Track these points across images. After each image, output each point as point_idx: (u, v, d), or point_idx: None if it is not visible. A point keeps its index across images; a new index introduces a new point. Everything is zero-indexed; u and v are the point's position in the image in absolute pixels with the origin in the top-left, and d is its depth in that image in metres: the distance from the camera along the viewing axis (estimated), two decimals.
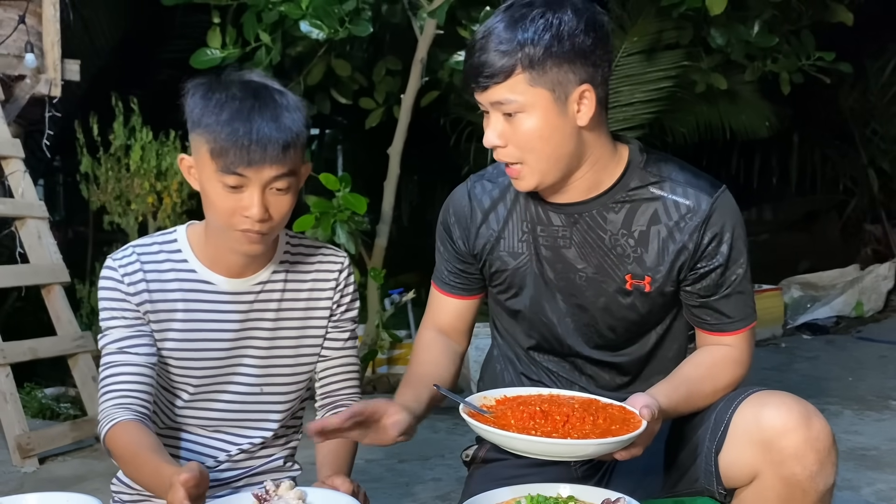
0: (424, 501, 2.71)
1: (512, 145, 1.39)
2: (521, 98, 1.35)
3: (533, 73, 1.34)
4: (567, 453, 1.19)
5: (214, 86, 1.44)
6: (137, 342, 1.48)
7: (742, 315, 1.48)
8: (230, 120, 1.37)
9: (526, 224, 1.52)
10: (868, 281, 6.22)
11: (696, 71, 4.83)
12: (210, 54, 3.98)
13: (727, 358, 1.48)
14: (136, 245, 1.53)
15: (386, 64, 4.70)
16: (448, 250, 1.62)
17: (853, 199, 7.54)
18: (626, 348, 1.54)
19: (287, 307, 1.55)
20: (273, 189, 1.40)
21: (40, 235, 3.51)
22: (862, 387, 4.12)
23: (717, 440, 1.37)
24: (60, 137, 4.17)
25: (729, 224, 1.44)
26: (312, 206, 3.81)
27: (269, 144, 1.37)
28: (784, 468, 1.30)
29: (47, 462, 3.17)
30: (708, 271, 1.45)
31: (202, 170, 1.42)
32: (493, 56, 1.34)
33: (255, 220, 1.39)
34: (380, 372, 4.70)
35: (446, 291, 1.64)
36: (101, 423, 1.47)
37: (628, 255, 1.46)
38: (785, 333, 5.67)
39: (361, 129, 5.05)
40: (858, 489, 2.68)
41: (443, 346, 1.62)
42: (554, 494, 1.17)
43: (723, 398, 1.42)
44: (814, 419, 1.31)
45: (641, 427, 1.21)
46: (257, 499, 1.15)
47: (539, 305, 1.53)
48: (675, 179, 1.46)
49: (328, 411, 1.61)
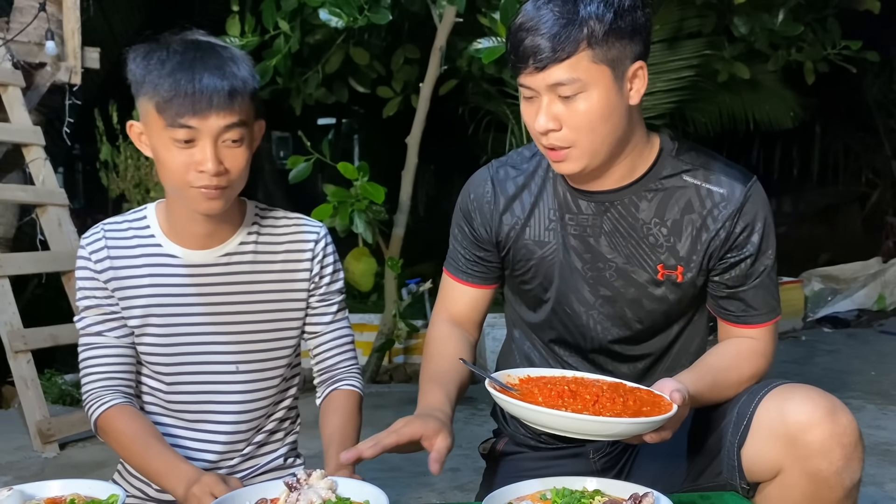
0: (442, 491, 2.70)
1: (567, 128, 1.33)
2: (584, 77, 1.29)
3: (596, 49, 1.28)
4: (599, 430, 1.16)
5: (154, 47, 1.40)
6: (113, 325, 1.47)
7: (768, 308, 1.46)
8: (172, 72, 1.34)
9: (553, 212, 1.48)
10: (890, 274, 6.14)
11: (718, 60, 4.76)
12: (229, 42, 3.96)
13: (751, 350, 1.46)
14: (106, 223, 1.51)
15: (404, 52, 4.68)
16: (467, 237, 1.57)
17: (875, 190, 7.45)
18: (649, 341, 1.51)
19: (260, 279, 1.49)
20: (227, 141, 1.36)
21: (60, 223, 3.53)
22: (885, 381, 4.07)
23: (740, 434, 1.34)
24: (80, 125, 4.19)
25: (761, 214, 1.42)
26: (330, 195, 3.80)
27: (214, 92, 1.33)
28: (809, 463, 1.26)
29: (67, 448, 3.19)
30: (738, 261, 1.43)
31: (151, 130, 1.38)
32: (554, 34, 1.27)
33: (210, 173, 1.35)
34: (396, 361, 4.70)
35: (462, 279, 1.59)
36: (89, 406, 1.46)
37: (661, 244, 1.43)
38: (805, 326, 5.61)
39: (379, 117, 5.04)
40: (882, 485, 2.65)
41: (459, 338, 1.58)
42: (580, 488, 1.15)
43: (745, 391, 1.39)
44: (840, 413, 1.28)
45: (673, 409, 1.19)
46: (288, 487, 1.14)
47: (565, 296, 1.49)
48: (708, 168, 1.44)
49: (328, 387, 1.57)
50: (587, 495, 1.10)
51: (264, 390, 1.52)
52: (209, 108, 1.33)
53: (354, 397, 1.56)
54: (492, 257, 1.55)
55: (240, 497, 1.12)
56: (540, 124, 1.33)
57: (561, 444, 1.56)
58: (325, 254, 1.54)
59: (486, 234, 1.54)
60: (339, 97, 4.84)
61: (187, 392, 1.50)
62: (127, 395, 1.47)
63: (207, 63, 1.35)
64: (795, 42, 4.73)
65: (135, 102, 1.42)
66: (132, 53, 1.40)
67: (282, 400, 1.58)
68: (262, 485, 1.18)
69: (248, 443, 1.54)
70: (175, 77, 1.34)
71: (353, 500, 1.12)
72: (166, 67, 1.35)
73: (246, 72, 1.38)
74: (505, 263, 1.56)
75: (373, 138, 8.54)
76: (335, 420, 1.52)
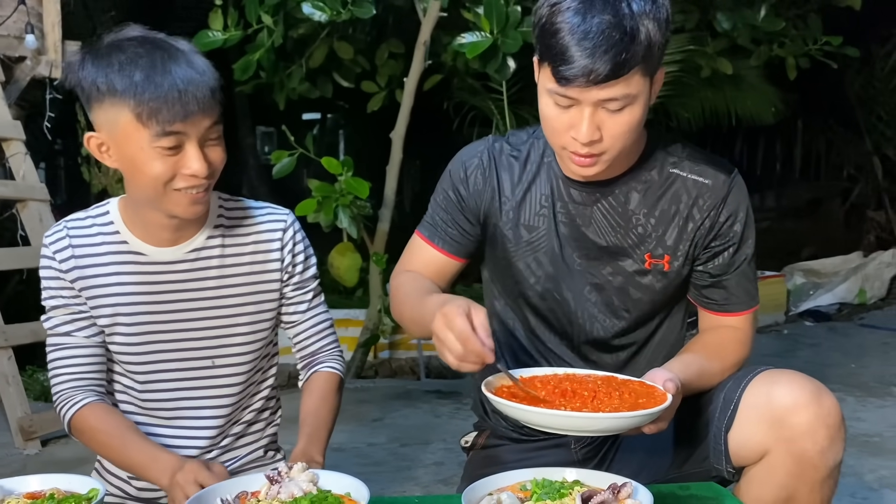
0: (426, 485, 2.71)
1: (608, 138, 1.32)
2: (635, 91, 1.29)
3: (644, 64, 1.28)
4: (600, 427, 1.17)
5: (104, 50, 1.32)
6: (80, 325, 1.45)
7: (748, 296, 1.50)
8: (148, 77, 1.27)
9: (545, 198, 1.49)
10: (871, 268, 6.21)
11: (701, 55, 4.79)
12: (212, 36, 3.95)
13: (733, 338, 1.49)
14: (69, 220, 1.47)
15: (389, 47, 4.67)
16: (452, 202, 1.53)
17: (857, 185, 7.52)
18: (633, 330, 1.53)
19: (229, 273, 1.47)
20: (209, 140, 1.34)
21: (41, 218, 3.50)
22: (864, 374, 4.12)
23: (727, 418, 1.37)
24: (62, 120, 4.15)
25: (743, 205, 1.46)
26: (315, 190, 3.79)
27: (197, 92, 1.29)
28: (795, 444, 1.30)
29: (49, 444, 3.17)
30: (722, 250, 1.47)
31: (127, 141, 1.31)
32: (616, 53, 1.23)
33: (201, 175, 1.32)
34: (381, 357, 4.70)
35: (436, 244, 1.55)
36: (61, 407, 1.44)
37: (649, 234, 1.46)
38: (787, 320, 5.66)
39: (364, 112, 5.02)
40: (861, 475, 2.68)
41: (429, 281, 1.52)
42: (559, 479, 1.15)
43: (730, 377, 1.42)
44: (824, 396, 1.32)
45: (668, 399, 1.20)
46: (269, 480, 1.14)
47: (554, 282, 1.51)
48: (693, 160, 1.47)
49: (308, 370, 1.57)
50: (566, 486, 1.11)
51: (241, 384, 1.52)
52: (197, 111, 1.29)
53: (333, 379, 1.56)
54: (472, 230, 1.54)
55: (221, 490, 1.12)
56: (585, 136, 1.30)
57: (543, 436, 1.57)
58: (295, 241, 1.52)
59: (475, 204, 1.52)
60: (324, 92, 4.82)
61: (162, 389, 1.48)
62: (99, 393, 1.46)
63: (179, 62, 1.31)
64: (777, 38, 4.77)
65: (87, 112, 1.36)
66: (78, 62, 1.34)
67: (259, 391, 1.57)
68: (244, 478, 1.18)
69: (226, 434, 1.53)
70: (154, 82, 1.27)
71: (335, 493, 1.12)
72: (137, 72, 1.28)
73: (207, 64, 1.35)
74: (488, 240, 1.54)
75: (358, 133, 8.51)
76: (310, 401, 1.52)
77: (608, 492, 1.07)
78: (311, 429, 1.46)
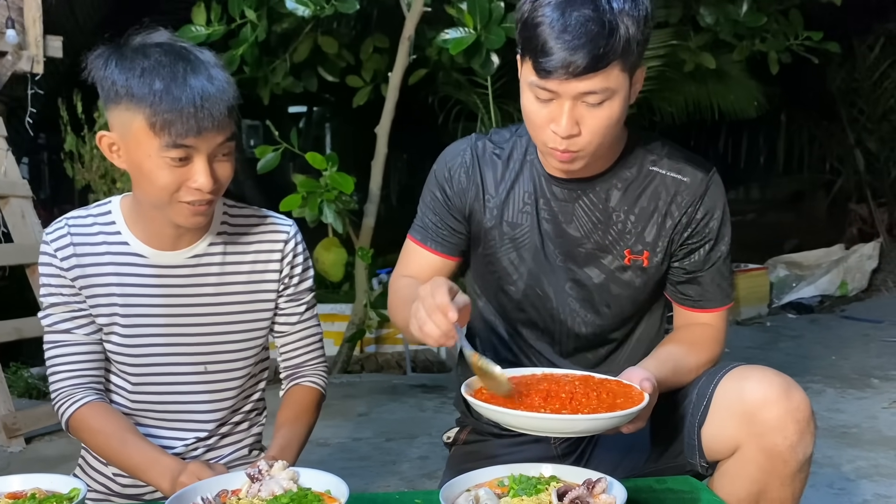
0: (411, 479, 2.73)
1: (586, 132, 1.34)
2: (614, 85, 1.30)
3: (624, 59, 1.29)
4: (577, 428, 1.19)
5: (130, 53, 1.32)
6: (80, 322, 1.45)
7: (722, 294, 1.53)
8: (167, 88, 1.27)
9: (528, 195, 1.51)
10: (853, 260, 6.28)
11: (684, 50, 4.82)
12: (195, 31, 3.93)
13: (706, 336, 1.52)
14: (70, 217, 1.47)
15: (373, 41, 4.66)
16: (440, 203, 1.55)
17: (839, 178, 7.58)
18: (613, 326, 1.55)
19: (229, 281, 1.47)
20: (219, 156, 1.34)
21: (24, 214, 3.48)
22: (845, 365, 4.17)
23: (700, 414, 1.40)
24: (45, 115, 4.12)
25: (720, 203, 1.49)
26: (299, 186, 3.79)
27: (213, 108, 1.28)
28: (765, 439, 1.32)
29: (34, 442, 3.16)
30: (698, 246, 1.49)
31: (137, 147, 1.31)
32: (595, 46, 1.25)
33: (206, 190, 1.32)
34: (368, 351, 4.71)
35: (429, 247, 1.57)
36: (60, 405, 1.44)
37: (629, 231, 1.49)
38: (770, 312, 5.72)
39: (349, 107, 5.02)
40: (839, 466, 2.73)
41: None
42: (536, 474, 1.17)
43: (704, 373, 1.45)
44: (793, 391, 1.33)
45: (646, 399, 1.22)
46: (250, 478, 1.15)
47: (536, 279, 1.53)
48: (672, 157, 1.50)
49: (290, 381, 1.58)
50: (543, 482, 1.13)
51: (232, 390, 1.52)
52: (210, 128, 1.29)
53: (313, 394, 1.57)
54: (461, 228, 1.56)
55: (201, 488, 1.13)
56: (564, 129, 1.32)
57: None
58: (296, 254, 1.53)
59: (460, 202, 1.54)
60: (308, 86, 4.81)
61: (153, 392, 1.49)
62: (98, 391, 1.46)
63: (199, 75, 1.30)
64: (759, 32, 4.80)
65: (103, 107, 1.36)
66: (100, 56, 1.34)
67: (251, 394, 1.58)
68: (224, 476, 1.19)
69: (213, 434, 1.54)
70: (172, 94, 1.27)
71: (315, 491, 1.13)
72: (157, 81, 1.28)
73: (228, 79, 1.35)
74: (472, 238, 1.56)
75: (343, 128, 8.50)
76: (287, 412, 1.53)
77: (583, 487, 1.09)
78: (285, 441, 1.47)
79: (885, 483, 2.59)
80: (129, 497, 1.51)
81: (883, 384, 3.79)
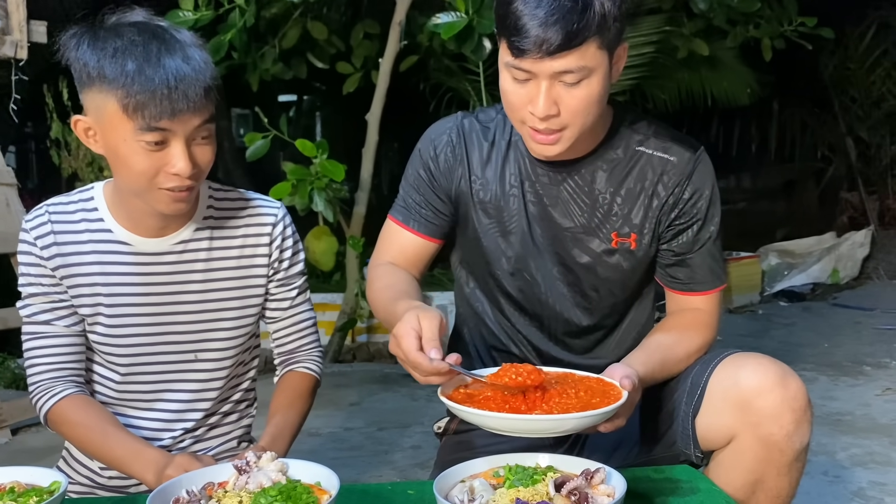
0: (403, 468, 2.71)
1: (565, 112, 1.31)
2: (591, 63, 1.27)
3: (601, 36, 1.26)
4: (549, 429, 1.16)
5: (103, 33, 1.27)
6: (60, 313, 1.41)
7: (713, 276, 1.49)
8: (140, 69, 1.22)
9: (515, 178, 1.48)
10: (844, 248, 6.28)
11: (677, 36, 4.79)
12: (182, 16, 3.86)
13: (696, 321, 1.48)
14: (51, 203, 1.42)
15: (363, 27, 4.61)
16: (424, 182, 1.51)
17: (831, 166, 7.58)
18: (602, 312, 1.53)
19: (216, 266, 1.44)
20: (197, 139, 1.29)
21: (8, 203, 3.42)
22: (837, 353, 4.17)
23: (694, 403, 1.37)
24: (30, 102, 4.05)
25: (708, 182, 1.46)
26: (289, 173, 3.75)
27: (189, 89, 1.23)
28: (762, 428, 1.29)
29: (20, 433, 3.13)
30: (686, 227, 1.46)
31: (112, 131, 1.27)
32: (569, 22, 1.23)
33: (184, 175, 1.27)
34: (359, 340, 4.68)
35: (411, 227, 1.52)
36: (38, 398, 1.40)
37: (616, 213, 1.46)
38: (762, 300, 5.72)
39: (339, 94, 4.97)
40: (833, 454, 2.72)
41: (404, 273, 1.49)
42: (532, 464, 1.14)
43: (697, 361, 1.42)
44: (790, 379, 1.31)
45: (623, 398, 1.19)
46: (238, 470, 1.12)
47: (524, 262, 1.49)
48: (659, 136, 1.46)
49: (285, 368, 1.54)
50: (539, 472, 1.10)
51: (222, 378, 1.49)
52: (186, 109, 1.24)
53: (308, 380, 1.54)
54: (445, 209, 1.52)
55: (187, 480, 1.10)
56: (541, 110, 1.29)
57: None
58: (284, 237, 1.49)
59: (446, 182, 1.51)
60: (298, 73, 4.75)
61: (142, 381, 1.45)
62: (78, 384, 1.42)
63: (174, 56, 1.25)
64: (753, 18, 4.78)
65: (79, 90, 1.30)
66: (73, 37, 1.29)
67: (240, 383, 1.55)
68: (211, 468, 1.15)
69: (202, 424, 1.50)
70: (145, 75, 1.22)
71: (304, 482, 1.10)
72: (130, 62, 1.23)
73: (206, 59, 1.30)
74: (459, 220, 1.52)
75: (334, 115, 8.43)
76: (281, 400, 1.50)
77: (581, 477, 1.06)
78: (277, 430, 1.43)
79: (880, 470, 2.58)
80: (114, 490, 1.47)
81: (875, 371, 3.79)
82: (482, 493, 1.06)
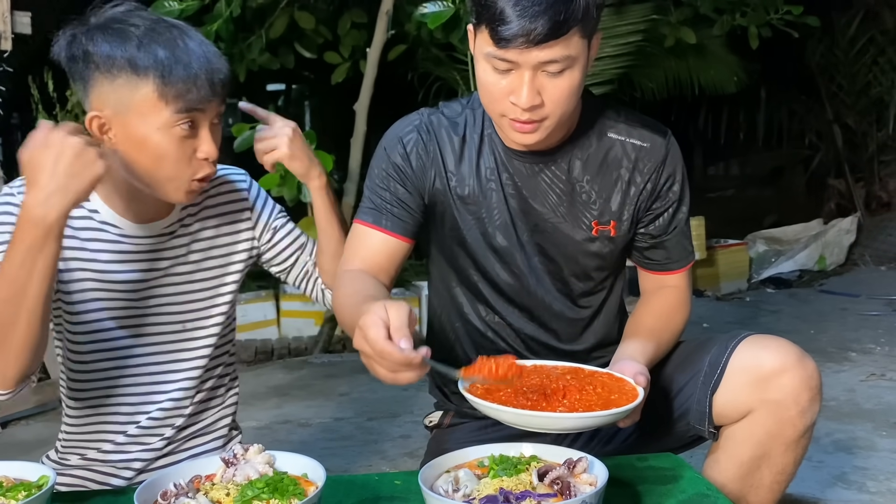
0: (393, 458, 2.73)
1: (549, 102, 1.31)
2: (574, 53, 1.28)
3: (583, 25, 1.27)
4: (578, 426, 1.19)
5: (113, 24, 1.28)
6: None
7: (685, 253, 1.56)
8: (173, 55, 1.25)
9: (491, 171, 1.48)
10: (831, 235, 6.32)
11: (665, 25, 4.80)
12: (168, 6, 3.84)
13: (676, 302, 1.55)
14: None
15: (351, 16, 4.59)
16: (393, 179, 1.47)
17: (818, 153, 7.61)
18: (586, 297, 1.55)
19: (204, 247, 1.49)
20: (213, 124, 1.34)
21: None
22: (823, 339, 4.21)
23: (714, 381, 1.42)
24: (16, 94, 4.02)
25: (679, 165, 1.50)
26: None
27: (217, 74, 1.29)
28: (779, 404, 1.38)
29: (10, 426, 3.13)
30: (662, 211, 1.50)
31: (139, 120, 1.27)
32: (555, 12, 1.22)
33: (212, 159, 1.33)
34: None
35: (382, 226, 1.46)
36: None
37: (594, 201, 1.47)
38: (750, 287, 5.75)
39: (327, 84, 4.95)
40: (818, 439, 2.75)
41: (372, 279, 1.43)
42: (516, 454, 1.16)
43: (714, 344, 1.46)
44: (806, 360, 1.40)
45: (640, 396, 1.22)
46: (225, 462, 1.13)
47: (509, 255, 1.50)
48: (629, 122, 1.49)
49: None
50: (523, 461, 1.12)
51: (209, 346, 1.51)
52: (218, 93, 1.29)
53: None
54: (417, 206, 1.49)
55: (174, 474, 1.11)
56: (526, 101, 1.28)
57: None
58: (258, 197, 1.56)
59: (419, 181, 1.48)
60: (285, 63, 4.73)
61: (129, 356, 1.45)
62: None
63: (194, 40, 1.28)
64: (739, 7, 4.79)
65: (82, 87, 1.29)
66: (78, 34, 1.28)
67: (223, 353, 1.57)
68: (198, 461, 1.17)
69: (192, 401, 1.52)
70: (181, 61, 1.24)
71: (291, 474, 1.11)
72: (159, 49, 1.24)
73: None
74: (436, 218, 1.50)
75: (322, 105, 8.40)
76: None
77: (564, 467, 1.08)
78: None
79: (863, 455, 2.62)
80: (104, 484, 1.48)
81: (860, 357, 3.83)
82: (466, 483, 1.07)
